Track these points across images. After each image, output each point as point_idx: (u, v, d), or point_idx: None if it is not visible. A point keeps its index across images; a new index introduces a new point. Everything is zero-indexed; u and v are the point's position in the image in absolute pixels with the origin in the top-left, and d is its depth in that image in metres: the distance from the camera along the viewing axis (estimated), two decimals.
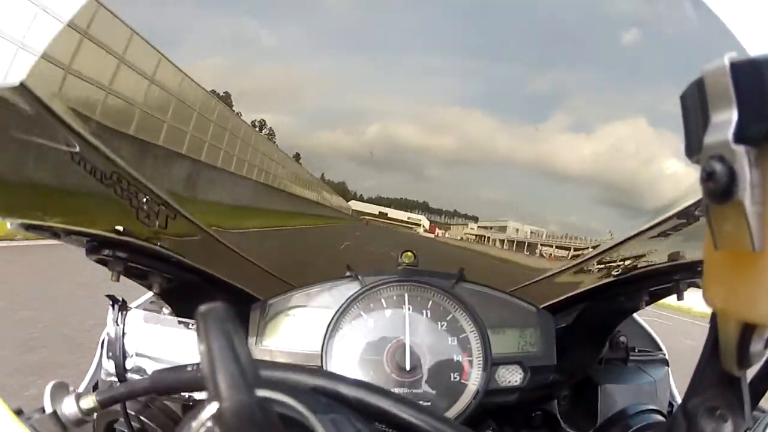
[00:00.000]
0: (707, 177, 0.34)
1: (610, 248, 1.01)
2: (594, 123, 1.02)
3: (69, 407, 0.58)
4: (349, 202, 1.32)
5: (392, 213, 1.35)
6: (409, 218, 1.39)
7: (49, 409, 0.58)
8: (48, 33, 0.71)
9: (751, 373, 0.49)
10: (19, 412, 0.60)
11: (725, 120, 0.33)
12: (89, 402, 0.58)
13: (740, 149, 0.32)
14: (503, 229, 1.30)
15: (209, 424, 0.37)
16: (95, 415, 0.61)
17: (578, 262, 1.09)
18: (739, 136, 0.32)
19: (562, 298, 1.08)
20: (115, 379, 0.91)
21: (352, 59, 0.98)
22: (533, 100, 0.99)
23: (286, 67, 1.01)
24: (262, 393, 0.35)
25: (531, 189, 1.15)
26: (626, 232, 0.97)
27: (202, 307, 0.36)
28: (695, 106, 0.36)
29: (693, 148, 0.37)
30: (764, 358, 0.45)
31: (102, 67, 0.84)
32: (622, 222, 1.04)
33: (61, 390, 0.60)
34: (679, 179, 0.89)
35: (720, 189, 0.33)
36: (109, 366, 0.91)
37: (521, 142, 1.02)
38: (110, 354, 0.91)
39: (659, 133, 0.92)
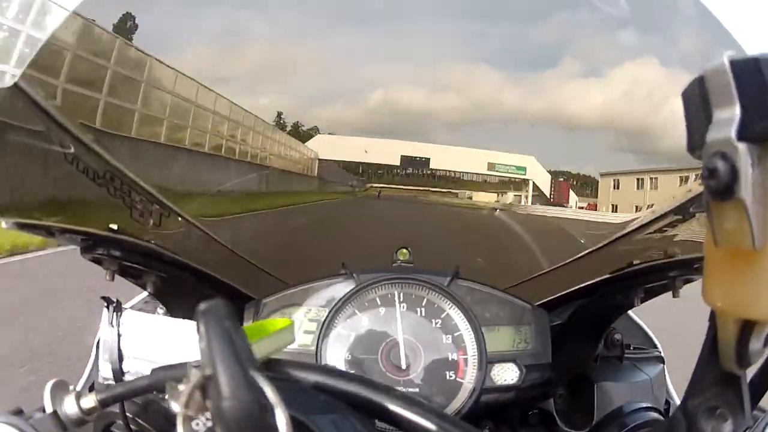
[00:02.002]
0: (709, 174, 0.34)
1: (606, 245, 1.01)
2: (604, 66, 1.00)
3: (69, 407, 0.58)
4: (316, 139, 1.18)
5: (444, 157, 1.18)
6: (495, 165, 1.13)
7: (49, 409, 0.58)
8: (41, 35, 0.70)
9: (751, 372, 0.49)
10: (19, 412, 0.59)
11: (728, 117, 0.33)
12: (89, 401, 0.58)
13: (743, 147, 0.32)
14: None
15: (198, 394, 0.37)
16: (94, 415, 0.61)
17: (573, 259, 1.09)
18: (742, 134, 0.32)
19: (558, 295, 1.08)
20: (112, 380, 0.90)
21: (346, 29, 0.97)
22: (538, 47, 0.98)
23: (281, 43, 1.00)
24: (263, 393, 0.35)
25: (544, 141, 1.12)
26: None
27: (202, 305, 0.36)
28: (697, 103, 0.36)
29: (695, 145, 0.37)
30: (764, 357, 0.45)
31: (90, 68, 0.83)
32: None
33: (61, 389, 0.59)
34: None
35: (722, 186, 0.33)
36: (105, 367, 0.90)
37: (530, 93, 1.00)
38: (106, 355, 0.91)
39: (672, 73, 0.90)
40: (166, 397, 0.50)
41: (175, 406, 0.37)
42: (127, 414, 0.79)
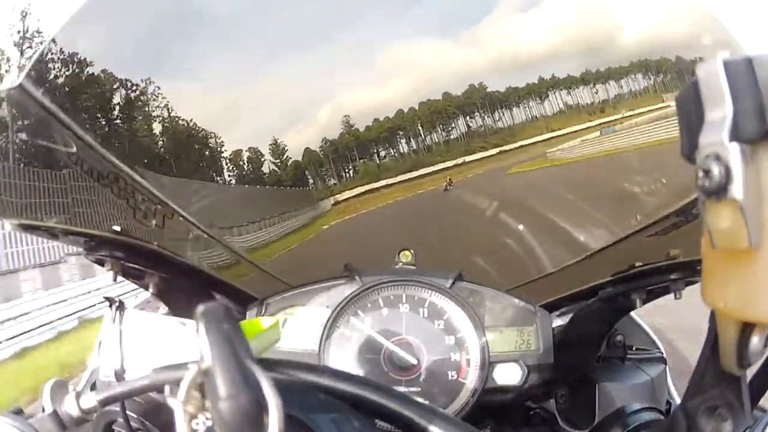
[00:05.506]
0: (703, 175, 0.34)
1: (608, 246, 1.01)
2: None
3: (69, 406, 0.58)
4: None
5: None
6: None
7: (48, 409, 0.58)
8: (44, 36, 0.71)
9: (751, 372, 0.49)
10: (18, 412, 0.60)
11: (720, 119, 0.33)
12: (89, 401, 0.58)
13: (735, 147, 0.32)
14: None
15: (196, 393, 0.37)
16: (95, 415, 0.61)
17: (576, 261, 1.09)
18: (734, 135, 0.32)
19: (560, 296, 1.08)
20: (113, 380, 0.91)
21: (275, 58, 0.96)
22: None
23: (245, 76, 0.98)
24: (262, 393, 0.35)
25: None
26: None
27: (201, 307, 0.36)
28: (691, 107, 0.36)
29: (689, 147, 0.37)
30: (764, 357, 0.45)
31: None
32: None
33: (60, 389, 0.60)
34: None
35: (715, 187, 0.33)
36: (107, 366, 0.91)
37: (480, 46, 0.96)
38: (108, 354, 0.91)
39: None
40: (167, 396, 0.50)
41: (175, 406, 0.37)
42: (128, 413, 0.79)
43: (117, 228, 0.86)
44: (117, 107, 0.88)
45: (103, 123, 0.86)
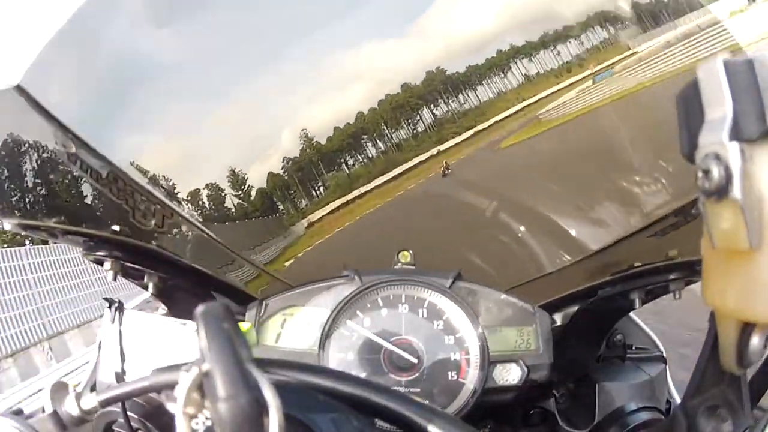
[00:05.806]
0: (703, 175, 0.34)
1: (608, 246, 1.01)
2: None
3: (69, 407, 0.58)
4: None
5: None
6: None
7: (49, 409, 0.58)
8: (43, 35, 0.70)
9: (751, 372, 0.49)
10: (19, 412, 0.60)
11: (720, 118, 0.33)
12: (90, 401, 0.58)
13: (735, 147, 0.32)
14: None
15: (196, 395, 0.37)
16: (95, 415, 0.61)
17: (575, 261, 1.09)
18: (734, 134, 0.32)
19: (560, 296, 1.08)
20: (113, 380, 0.91)
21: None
22: None
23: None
24: (261, 393, 0.35)
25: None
26: None
27: (201, 307, 0.36)
28: (691, 106, 0.36)
29: (689, 147, 0.37)
30: (764, 357, 0.45)
31: None
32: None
33: (61, 390, 0.60)
34: None
35: (715, 186, 0.33)
36: (107, 367, 0.91)
37: (428, 34, 0.96)
38: (108, 355, 0.91)
39: None
40: (166, 396, 0.50)
41: (175, 406, 0.37)
42: (129, 413, 0.79)
43: (116, 228, 0.86)
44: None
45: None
